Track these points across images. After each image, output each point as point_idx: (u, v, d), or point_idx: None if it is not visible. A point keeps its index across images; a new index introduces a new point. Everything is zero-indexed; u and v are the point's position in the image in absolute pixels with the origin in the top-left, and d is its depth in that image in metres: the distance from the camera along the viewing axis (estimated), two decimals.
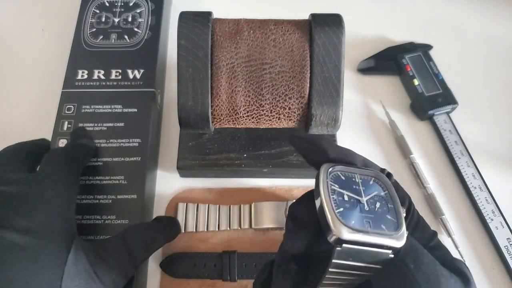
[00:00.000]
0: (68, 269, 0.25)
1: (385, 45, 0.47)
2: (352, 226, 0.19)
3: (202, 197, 0.39)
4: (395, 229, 0.19)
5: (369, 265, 0.19)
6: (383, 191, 0.21)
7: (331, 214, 0.19)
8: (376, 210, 0.20)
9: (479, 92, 0.45)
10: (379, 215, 0.20)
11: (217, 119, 0.34)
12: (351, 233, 0.19)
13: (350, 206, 0.20)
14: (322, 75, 0.32)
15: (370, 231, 0.19)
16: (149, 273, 0.36)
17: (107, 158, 0.36)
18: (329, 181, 0.20)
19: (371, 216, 0.20)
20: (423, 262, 0.19)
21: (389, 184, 0.21)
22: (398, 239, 0.19)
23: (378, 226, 0.19)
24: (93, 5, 0.44)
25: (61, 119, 0.38)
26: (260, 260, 0.35)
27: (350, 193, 0.20)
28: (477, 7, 0.51)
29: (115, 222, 0.34)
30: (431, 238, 0.23)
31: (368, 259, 0.19)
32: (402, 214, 0.20)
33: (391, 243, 0.19)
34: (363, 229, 0.19)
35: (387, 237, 0.19)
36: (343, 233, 0.18)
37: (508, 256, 0.36)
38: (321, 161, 0.22)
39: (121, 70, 0.40)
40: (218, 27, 0.33)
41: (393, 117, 0.43)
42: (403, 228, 0.20)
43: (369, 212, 0.20)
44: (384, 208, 0.20)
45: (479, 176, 0.40)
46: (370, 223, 0.19)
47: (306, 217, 0.21)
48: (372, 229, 0.19)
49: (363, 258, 0.19)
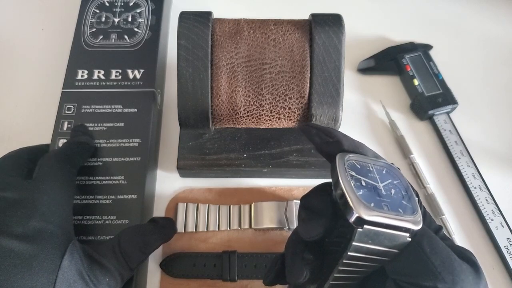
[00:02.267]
0: (62, 274, 0.25)
1: (385, 45, 0.47)
2: (372, 208, 0.19)
3: (202, 197, 0.39)
4: (412, 213, 0.20)
5: (388, 249, 0.20)
6: (396, 180, 0.22)
7: (353, 194, 0.20)
8: (392, 196, 0.21)
9: (479, 92, 0.45)
10: (395, 200, 0.20)
11: (217, 119, 0.34)
12: (372, 213, 0.19)
13: (368, 190, 0.20)
14: (322, 75, 0.32)
15: (390, 213, 0.19)
16: (149, 273, 0.36)
17: (107, 158, 0.36)
18: (346, 167, 0.21)
19: (388, 200, 0.20)
20: (438, 246, 0.20)
21: (400, 174, 0.22)
22: (415, 222, 0.20)
23: (396, 210, 0.20)
24: (93, 5, 0.44)
25: (61, 119, 0.38)
26: (260, 260, 0.35)
27: (367, 180, 0.21)
28: (477, 7, 0.51)
29: (115, 222, 0.34)
30: (437, 230, 0.23)
31: (386, 243, 0.20)
32: (416, 200, 0.21)
33: (409, 225, 0.19)
34: (383, 211, 0.19)
35: (405, 220, 0.19)
36: (364, 213, 0.19)
37: (508, 256, 0.36)
38: (335, 152, 0.23)
39: (121, 70, 0.40)
40: (218, 27, 0.33)
41: (393, 117, 0.43)
42: (419, 213, 0.20)
43: (386, 197, 0.20)
44: (399, 194, 0.21)
45: (479, 176, 0.40)
46: (388, 207, 0.20)
47: (319, 206, 0.22)
48: (391, 212, 0.20)
49: (382, 241, 0.20)
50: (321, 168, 0.38)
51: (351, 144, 0.23)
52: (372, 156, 0.23)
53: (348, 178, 0.20)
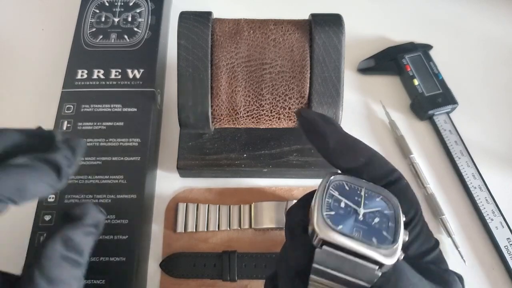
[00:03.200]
0: None
1: (385, 45, 0.47)
2: (338, 229, 0.18)
3: (202, 197, 0.39)
4: (388, 245, 0.18)
5: (355, 280, 0.18)
6: (389, 210, 0.20)
7: (318, 213, 0.18)
8: (373, 224, 0.19)
9: (479, 92, 0.45)
10: (373, 229, 0.18)
11: (217, 119, 0.34)
12: (333, 234, 0.17)
13: (344, 213, 0.19)
14: (322, 75, 0.32)
15: (357, 238, 0.18)
16: (149, 273, 0.36)
17: (106, 157, 0.36)
18: (328, 186, 0.20)
19: (364, 227, 0.18)
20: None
21: (397, 206, 0.20)
22: (386, 255, 0.17)
23: (369, 238, 0.18)
24: (93, 5, 0.44)
25: (61, 119, 0.38)
26: (260, 260, 0.35)
27: (348, 202, 0.19)
28: (477, 7, 0.51)
29: (115, 222, 0.34)
30: (430, 251, 0.21)
31: (351, 271, 0.18)
32: (402, 236, 0.18)
33: (377, 256, 0.17)
34: (350, 234, 0.18)
35: (373, 249, 0.17)
36: (323, 232, 0.17)
37: (508, 256, 0.36)
38: (321, 148, 0.21)
39: (120, 70, 0.40)
40: (218, 27, 0.33)
41: (393, 117, 0.43)
42: (397, 247, 0.18)
43: (364, 223, 0.19)
44: (383, 225, 0.19)
45: (479, 176, 0.40)
46: (360, 233, 0.18)
47: (301, 221, 0.20)
48: (361, 237, 0.18)
49: (346, 269, 0.18)
50: (321, 168, 0.38)
51: (338, 141, 0.21)
52: (365, 158, 0.21)
53: (324, 197, 0.19)
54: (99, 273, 0.32)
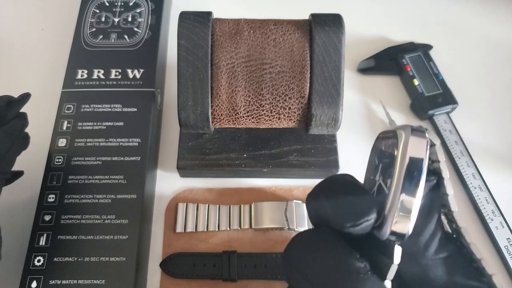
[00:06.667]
0: None
1: (385, 45, 0.47)
2: None
3: (202, 197, 0.39)
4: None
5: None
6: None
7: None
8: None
9: (479, 92, 0.45)
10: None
11: (217, 119, 0.34)
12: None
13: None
14: (322, 75, 0.32)
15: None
16: (149, 273, 0.36)
17: (106, 157, 0.36)
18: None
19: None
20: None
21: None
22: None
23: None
24: (93, 5, 0.44)
25: (61, 119, 0.38)
26: (260, 260, 0.35)
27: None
28: (477, 7, 0.51)
29: (115, 221, 0.34)
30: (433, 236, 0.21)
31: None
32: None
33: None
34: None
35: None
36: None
37: (508, 256, 0.36)
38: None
39: (121, 70, 0.40)
40: (218, 27, 0.33)
41: (393, 117, 0.43)
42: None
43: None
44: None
45: (479, 176, 0.40)
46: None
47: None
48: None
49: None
50: (321, 168, 0.38)
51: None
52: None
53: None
54: (99, 273, 0.32)
